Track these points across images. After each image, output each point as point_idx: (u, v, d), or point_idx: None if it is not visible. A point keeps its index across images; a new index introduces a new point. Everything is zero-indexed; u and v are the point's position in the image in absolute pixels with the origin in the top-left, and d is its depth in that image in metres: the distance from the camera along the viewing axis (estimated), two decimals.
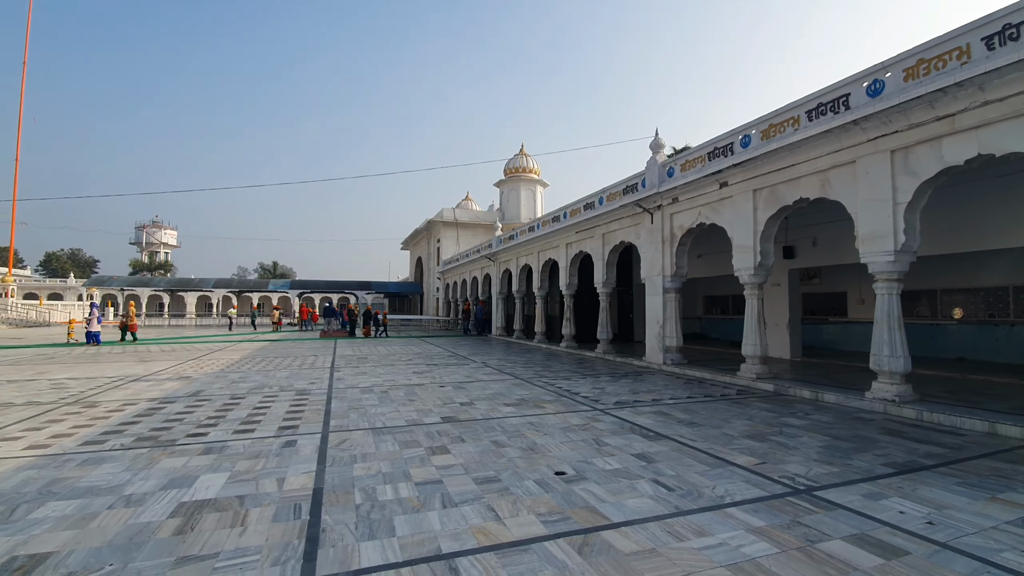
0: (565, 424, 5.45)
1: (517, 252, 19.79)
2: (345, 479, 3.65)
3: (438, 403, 6.66)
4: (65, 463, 4.05)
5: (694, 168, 9.92)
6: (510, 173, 36.26)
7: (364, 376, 9.31)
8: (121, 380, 8.64)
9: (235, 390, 7.64)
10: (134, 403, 6.58)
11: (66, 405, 6.44)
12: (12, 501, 3.25)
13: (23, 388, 7.76)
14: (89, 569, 2.40)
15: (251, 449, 4.44)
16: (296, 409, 6.23)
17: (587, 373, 9.85)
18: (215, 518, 2.96)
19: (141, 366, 10.73)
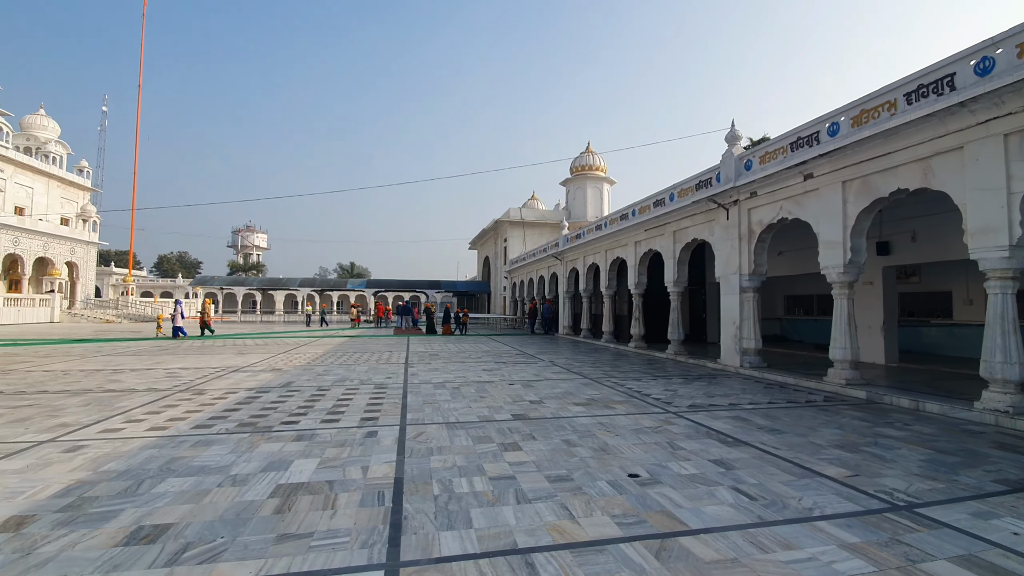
0: (637, 426, 5.36)
1: (584, 251, 19.62)
2: (423, 470, 3.82)
3: (508, 400, 6.77)
4: (180, 444, 4.54)
5: (775, 160, 9.37)
6: (576, 171, 35.97)
7: (436, 372, 9.64)
8: (223, 371, 9.53)
9: (320, 382, 8.19)
10: (235, 392, 7.24)
11: (179, 392, 7.20)
12: (138, 476, 3.69)
13: (144, 376, 8.76)
14: (204, 540, 2.68)
15: (337, 438, 4.75)
16: (375, 402, 6.58)
17: (658, 374, 9.61)
18: (309, 500, 3.21)
19: (240, 358, 11.76)
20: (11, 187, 33.50)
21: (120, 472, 3.74)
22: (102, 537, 2.70)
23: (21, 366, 9.94)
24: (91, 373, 9.06)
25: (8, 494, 3.30)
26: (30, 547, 2.58)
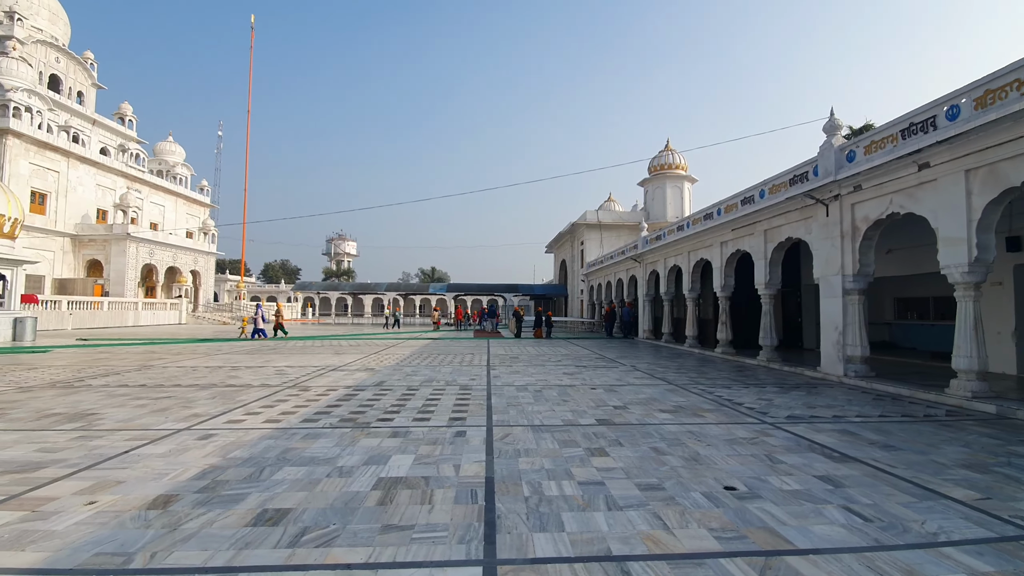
0: (730, 436, 5.12)
1: (665, 252, 19.00)
2: (512, 471, 3.91)
3: (591, 405, 6.73)
4: (292, 436, 4.99)
5: (882, 150, 8.54)
6: (655, 171, 34.89)
7: (518, 375, 9.78)
8: (323, 369, 10.31)
9: (410, 382, 8.61)
10: (335, 389, 7.82)
11: (287, 388, 7.89)
12: (259, 464, 4.11)
13: (257, 373, 9.70)
14: (319, 526, 2.93)
15: (429, 436, 4.99)
16: (462, 403, 6.81)
17: (749, 382, 9.08)
18: (408, 494, 3.41)
19: (336, 358, 12.66)
20: (147, 206, 38.47)
21: (244, 459, 4.19)
22: (233, 517, 3.04)
23: (159, 362, 11.38)
24: (214, 369, 10.18)
25: (156, 475, 3.81)
26: (175, 523, 2.96)
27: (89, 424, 5.41)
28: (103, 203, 35.08)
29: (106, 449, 4.46)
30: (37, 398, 6.89)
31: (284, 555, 2.57)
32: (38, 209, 30.24)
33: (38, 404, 6.47)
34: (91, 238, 32.85)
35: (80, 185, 33.29)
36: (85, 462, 4.09)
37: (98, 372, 9.65)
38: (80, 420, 5.59)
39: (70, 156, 32.35)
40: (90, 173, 34.14)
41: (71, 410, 6.12)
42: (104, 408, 6.25)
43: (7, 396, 7.02)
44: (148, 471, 3.88)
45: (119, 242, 32.90)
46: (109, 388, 7.80)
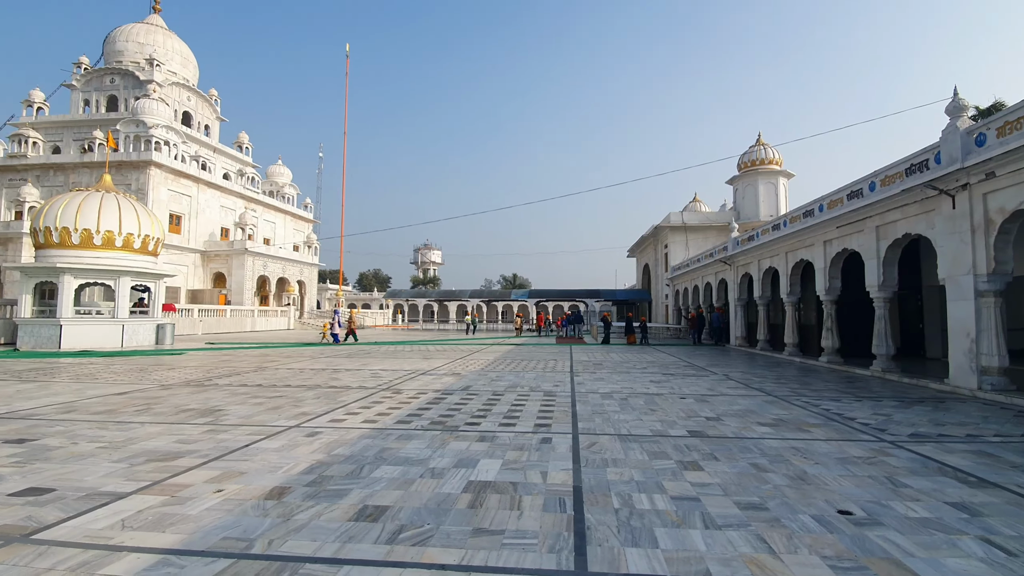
0: (842, 454, 4.66)
1: (758, 254, 17.78)
2: (600, 482, 3.85)
3: (681, 415, 6.44)
4: (387, 436, 5.27)
5: (1019, 131, 7.40)
6: (745, 167, 32.79)
7: (602, 382, 9.61)
8: (413, 373, 10.81)
9: (495, 387, 8.78)
10: (424, 393, 8.16)
11: (381, 391, 8.37)
12: (359, 462, 4.38)
13: (355, 375, 10.38)
14: (414, 524, 3.07)
15: (515, 442, 5.04)
16: (546, 409, 6.82)
17: (862, 395, 8.22)
18: (496, 499, 3.47)
19: (425, 362, 13.22)
20: (261, 223, 42.75)
21: (346, 457, 4.49)
22: (338, 512, 3.26)
23: (272, 365, 12.56)
24: (319, 372, 11.04)
25: (271, 468, 4.19)
26: (289, 514, 3.24)
27: (216, 419, 6.08)
28: (225, 222, 39.51)
29: (230, 442, 4.99)
30: (175, 395, 7.88)
31: (383, 551, 2.72)
32: (175, 229, 34.71)
33: (176, 400, 7.39)
34: (216, 253, 37.13)
35: (208, 207, 37.78)
36: (214, 453, 4.60)
37: (223, 373, 10.84)
38: (209, 415, 6.30)
39: (199, 182, 36.85)
40: (215, 196, 38.63)
41: (202, 406, 6.92)
42: (228, 405, 7.01)
43: (152, 393, 8.09)
44: (265, 464, 4.28)
45: (239, 256, 36.87)
46: (232, 387, 8.72)
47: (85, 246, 17.77)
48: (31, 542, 2.81)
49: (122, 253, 18.46)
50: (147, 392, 8.14)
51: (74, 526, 3.03)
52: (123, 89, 40.19)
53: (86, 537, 2.88)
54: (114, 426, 5.70)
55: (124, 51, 41.57)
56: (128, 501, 3.43)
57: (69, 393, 7.98)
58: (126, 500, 3.45)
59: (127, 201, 19.15)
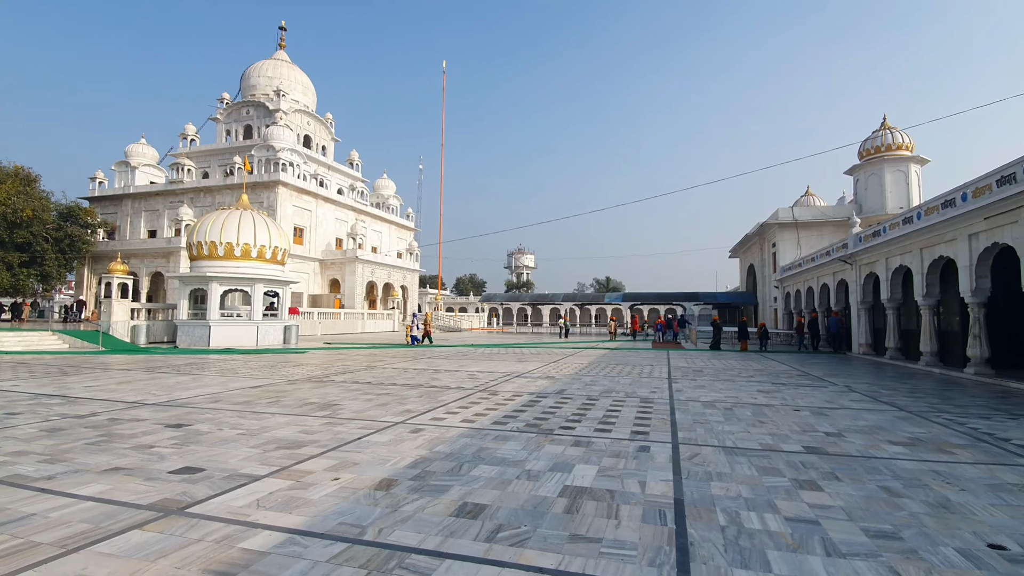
0: (993, 480, 3.99)
1: (886, 250, 15.79)
2: (704, 496, 3.64)
3: (795, 429, 5.90)
4: (484, 436, 5.42)
5: None
6: (868, 154, 29.27)
7: (703, 390, 9.10)
8: (508, 376, 11.02)
9: (589, 392, 8.68)
10: (519, 395, 8.28)
11: (478, 392, 8.63)
12: (458, 459, 4.55)
13: (453, 376, 10.82)
14: (512, 525, 3.12)
15: (611, 448, 4.94)
16: (643, 416, 6.60)
17: (1019, 412, 6.97)
18: (593, 506, 3.42)
19: (519, 365, 13.42)
20: (370, 233, 46.20)
21: (447, 454, 4.69)
22: (440, 506, 3.42)
23: (379, 364, 13.49)
24: (420, 372, 11.66)
25: (380, 460, 4.49)
26: (396, 505, 3.45)
27: (333, 413, 6.66)
28: (339, 233, 43.26)
29: (345, 434, 5.44)
30: (299, 389, 8.75)
31: (483, 548, 2.80)
32: (298, 241, 38.67)
33: (300, 394, 8.21)
34: (332, 261, 40.76)
35: (324, 220, 41.64)
36: (331, 444, 5.04)
37: (338, 370, 11.84)
38: (327, 409, 6.92)
39: (318, 198, 40.74)
40: (331, 210, 42.48)
41: (321, 400, 7.61)
42: (343, 400, 7.64)
43: (280, 387, 9.05)
44: (375, 456, 4.61)
45: (351, 264, 40.17)
46: (346, 384, 9.50)
47: (228, 257, 20.39)
48: (185, 515, 3.27)
49: (256, 263, 20.92)
50: (276, 386, 9.13)
51: (219, 503, 3.48)
52: (256, 119, 45.64)
53: (228, 513, 3.29)
54: (251, 415, 6.46)
55: (256, 85, 47.20)
56: (262, 483, 3.87)
57: (216, 385, 9.18)
58: (260, 482, 3.89)
59: (260, 217, 21.69)
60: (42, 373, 10.80)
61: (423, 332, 23.03)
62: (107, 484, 3.83)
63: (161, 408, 6.94)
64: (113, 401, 7.45)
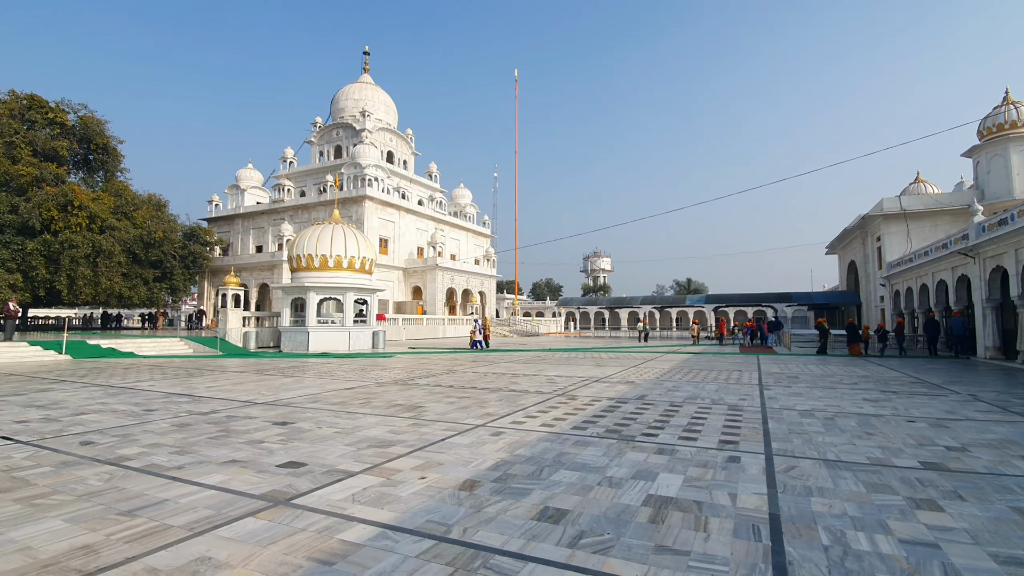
0: None
1: (1016, 241, 13.78)
2: (803, 512, 3.40)
3: (910, 443, 5.32)
4: (564, 441, 5.42)
5: None
6: (989, 133, 25.72)
7: (799, 398, 8.46)
8: (587, 380, 10.91)
9: (672, 398, 8.37)
10: (599, 400, 8.18)
11: (557, 396, 8.63)
12: (539, 463, 4.58)
13: (532, 380, 10.90)
14: (594, 532, 3.09)
15: (697, 457, 4.74)
16: (732, 424, 6.26)
17: None
18: (679, 517, 3.31)
19: (598, 370, 13.25)
20: (448, 241, 47.84)
21: (527, 458, 4.75)
22: (521, 509, 3.47)
23: (460, 368, 13.91)
24: (499, 376, 11.87)
25: (463, 462, 4.64)
26: (479, 505, 3.54)
27: (418, 415, 6.96)
28: (420, 242, 45.21)
29: (430, 436, 5.67)
30: (387, 391, 9.24)
31: (565, 554, 2.80)
32: (383, 251, 40.91)
33: (388, 396, 8.67)
34: (414, 269, 42.68)
35: (407, 230, 43.74)
36: (418, 444, 5.28)
37: (422, 374, 12.36)
38: (413, 411, 7.25)
39: (400, 210, 42.90)
40: (412, 220, 44.53)
41: (407, 402, 7.99)
42: (427, 402, 7.97)
43: (371, 389, 9.61)
44: (458, 458, 4.76)
45: (431, 271, 41.82)
46: (430, 387, 9.90)
47: (322, 268, 22.04)
48: (291, 506, 3.58)
49: (347, 273, 22.41)
50: (367, 388, 9.71)
51: (319, 496, 3.77)
52: (344, 139, 49.00)
53: (327, 506, 3.56)
54: (345, 415, 6.93)
55: (344, 108, 50.71)
56: (356, 479, 4.14)
57: (315, 387, 9.94)
58: (355, 478, 4.17)
59: (349, 230, 23.24)
60: (172, 375, 12.27)
61: (483, 336, 24.05)
62: (226, 474, 4.28)
63: (269, 407, 7.63)
64: (229, 400, 8.31)
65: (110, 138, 30.60)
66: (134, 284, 28.00)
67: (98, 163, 30.82)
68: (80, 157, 30.26)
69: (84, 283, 25.29)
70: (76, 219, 24.99)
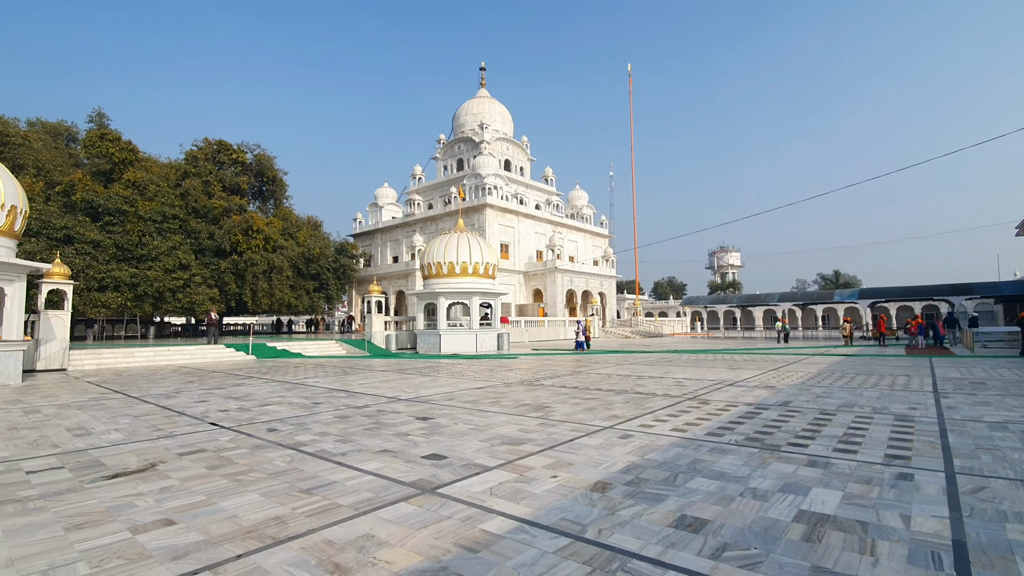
0: None
1: None
2: (996, 540, 2.87)
3: None
4: (698, 448, 5.17)
5: None
6: None
7: (988, 407, 7.09)
8: (720, 384, 10.25)
9: (822, 405, 7.54)
10: (735, 405, 7.65)
11: (687, 400, 8.25)
12: (672, 469, 4.44)
13: (658, 383, 10.53)
14: (739, 545, 2.93)
15: (858, 473, 4.23)
16: (900, 437, 5.46)
17: None
18: (840, 537, 2.99)
19: (731, 373, 12.36)
20: (566, 243, 48.12)
21: (659, 463, 4.63)
22: (657, 515, 3.40)
23: (583, 370, 13.92)
24: (624, 378, 11.66)
25: (593, 463, 4.66)
26: (612, 508, 3.54)
27: (546, 415, 7.14)
28: (539, 245, 46.09)
29: (558, 435, 5.79)
30: (514, 392, 9.60)
31: (708, 565, 2.70)
32: (503, 256, 42.45)
33: (515, 396, 8.99)
34: (533, 273, 43.62)
35: (525, 235, 44.91)
36: (547, 443, 5.42)
37: (546, 375, 12.60)
38: (540, 411, 7.45)
39: (519, 215, 44.19)
40: (530, 225, 45.61)
41: (534, 402, 8.23)
42: (553, 403, 8.12)
43: (499, 389, 10.06)
44: (587, 459, 4.81)
45: (551, 274, 42.38)
46: (555, 388, 10.07)
47: (450, 275, 23.56)
48: (436, 495, 3.91)
49: (472, 278, 23.68)
50: (495, 388, 10.17)
51: (460, 487, 4.07)
52: (465, 152, 51.84)
53: (468, 497, 3.83)
54: (477, 413, 7.35)
55: (464, 123, 53.66)
56: (492, 474, 4.39)
57: (448, 386, 10.67)
58: (491, 473, 4.42)
59: (474, 238, 24.55)
60: (331, 372, 14.01)
61: (585, 338, 24.36)
62: (380, 462, 4.81)
63: (411, 403, 8.37)
64: (378, 396, 9.27)
65: (278, 171, 35.92)
66: (299, 294, 32.50)
67: (269, 192, 36.35)
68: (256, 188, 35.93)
69: (262, 294, 30.02)
70: (255, 241, 29.77)
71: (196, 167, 30.61)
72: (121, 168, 28.38)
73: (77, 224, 24.83)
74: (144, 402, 8.88)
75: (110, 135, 28.63)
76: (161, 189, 28.16)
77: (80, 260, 23.90)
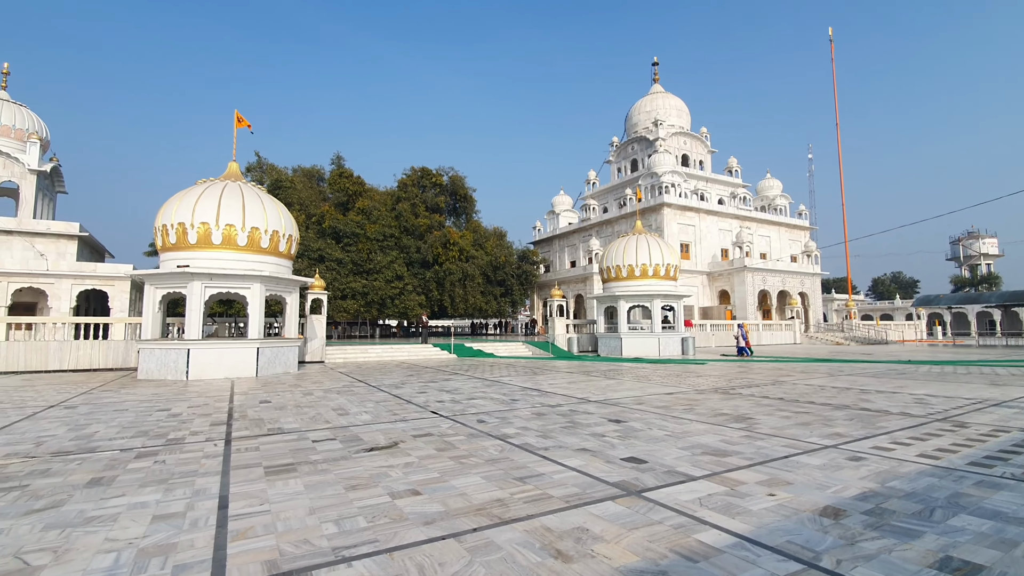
0: None
1: None
2: None
3: None
4: (959, 480, 4.26)
5: None
6: None
7: None
8: (980, 403, 8.21)
9: None
10: (1005, 431, 6.08)
11: (935, 421, 6.81)
12: (925, 502, 3.75)
13: (891, 399, 8.87)
14: None
15: None
16: None
17: None
18: None
19: (994, 389, 9.77)
20: (756, 239, 43.48)
21: (907, 493, 3.96)
22: (912, 553, 2.93)
23: (787, 379, 12.45)
24: (842, 390, 10.10)
25: (818, 485, 4.19)
26: (851, 538, 3.15)
27: (749, 426, 6.62)
28: (724, 243, 42.53)
29: (768, 451, 5.34)
30: (708, 399, 9.08)
31: None
32: (684, 256, 40.22)
33: (710, 404, 8.51)
34: (719, 273, 40.40)
35: (708, 233, 41.88)
36: (756, 458, 5.04)
37: (742, 383, 11.61)
38: (742, 422, 6.93)
39: (700, 212, 41.44)
40: (713, 222, 42.37)
41: (733, 412, 7.68)
42: (756, 414, 7.48)
43: (690, 396, 9.61)
44: (810, 479, 4.34)
45: (739, 273, 38.74)
46: (755, 398, 9.23)
47: (630, 277, 23.27)
48: (642, 498, 3.95)
49: (652, 280, 23.02)
50: (686, 394, 9.75)
51: (665, 493, 4.05)
52: (639, 151, 50.62)
53: (676, 504, 3.79)
54: (671, 419, 7.17)
55: (637, 123, 52.43)
56: (697, 484, 4.27)
57: (636, 389, 10.58)
58: (696, 483, 4.30)
59: (652, 239, 23.86)
60: (522, 372, 15.03)
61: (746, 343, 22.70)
62: (581, 460, 5.05)
63: (601, 405, 8.55)
64: (568, 396, 9.67)
65: (468, 189, 40.04)
66: (488, 299, 35.82)
67: (462, 208, 40.78)
68: (451, 206, 40.65)
69: (459, 300, 33.99)
70: (451, 253, 33.87)
71: (406, 192, 36.07)
72: (354, 199, 35.01)
73: (326, 246, 31.38)
74: (380, 391, 10.73)
75: (345, 172, 35.61)
76: (381, 213, 33.84)
77: (329, 275, 30.02)
